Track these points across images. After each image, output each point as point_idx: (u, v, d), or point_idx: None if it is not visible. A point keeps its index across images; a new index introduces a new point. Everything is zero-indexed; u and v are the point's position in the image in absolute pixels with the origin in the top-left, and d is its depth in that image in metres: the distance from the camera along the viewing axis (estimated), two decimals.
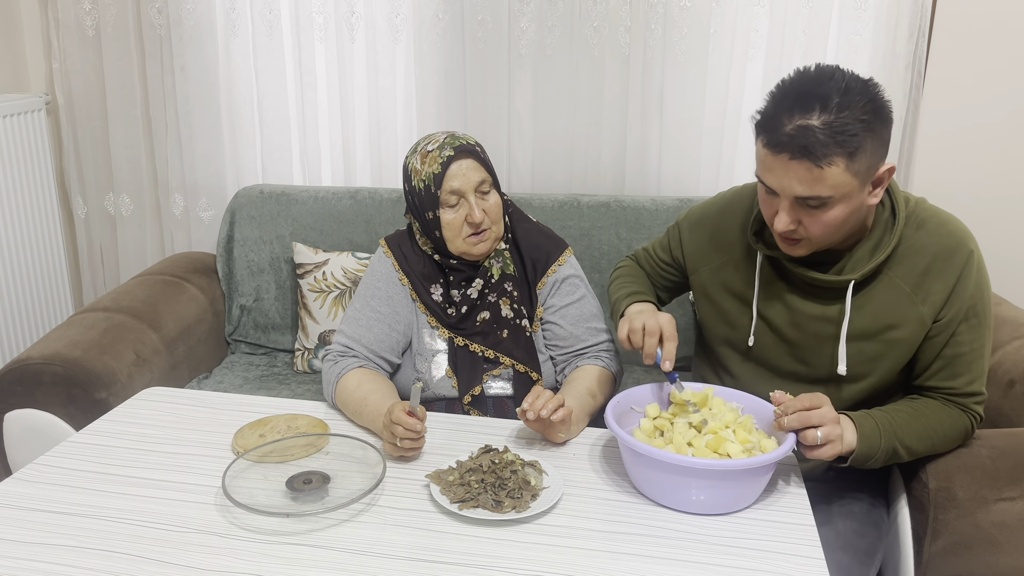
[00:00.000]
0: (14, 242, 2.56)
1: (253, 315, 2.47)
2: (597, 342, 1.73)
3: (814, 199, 1.30)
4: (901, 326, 1.43)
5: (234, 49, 2.54)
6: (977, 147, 2.34)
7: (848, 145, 1.25)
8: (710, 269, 1.61)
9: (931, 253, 1.42)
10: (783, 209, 1.34)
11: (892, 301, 1.43)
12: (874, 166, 1.31)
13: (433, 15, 2.43)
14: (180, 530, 1.22)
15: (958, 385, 1.44)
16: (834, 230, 1.35)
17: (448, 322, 1.71)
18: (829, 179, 1.27)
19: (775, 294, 1.51)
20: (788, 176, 1.29)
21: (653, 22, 2.34)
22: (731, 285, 1.57)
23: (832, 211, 1.31)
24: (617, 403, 1.41)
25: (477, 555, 1.17)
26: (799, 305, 1.49)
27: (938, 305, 1.42)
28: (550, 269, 1.73)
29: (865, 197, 1.34)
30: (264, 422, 1.53)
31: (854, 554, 1.47)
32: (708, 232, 1.62)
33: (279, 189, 2.47)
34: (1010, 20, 2.24)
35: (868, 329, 1.45)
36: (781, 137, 1.28)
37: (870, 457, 1.38)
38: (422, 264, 1.73)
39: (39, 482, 1.35)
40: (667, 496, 1.29)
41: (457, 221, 1.63)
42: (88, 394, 1.89)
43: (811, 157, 1.26)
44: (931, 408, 1.45)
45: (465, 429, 1.54)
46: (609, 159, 2.47)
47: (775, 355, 1.54)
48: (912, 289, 1.42)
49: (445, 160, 1.61)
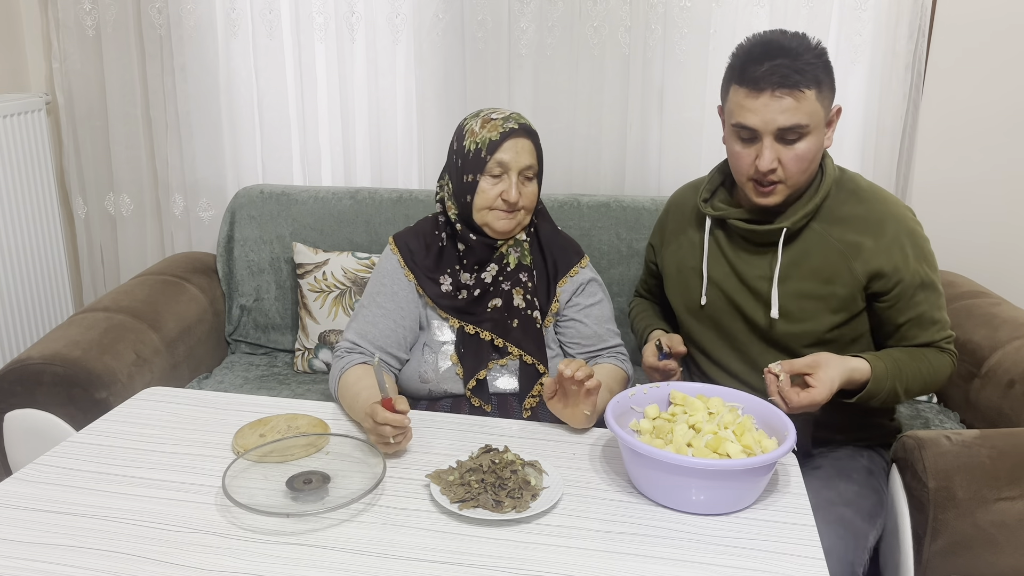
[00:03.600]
0: (14, 242, 2.56)
1: (253, 315, 2.47)
2: (615, 344, 1.80)
3: (794, 129, 1.46)
4: (835, 281, 1.57)
5: (234, 49, 2.54)
6: (977, 147, 2.35)
7: (815, 76, 1.46)
8: (669, 251, 1.78)
9: (863, 215, 1.56)
10: (766, 147, 1.49)
11: (825, 255, 1.57)
12: (830, 102, 1.52)
13: (433, 15, 2.43)
14: (180, 530, 1.22)
15: (931, 334, 1.58)
16: (806, 166, 1.51)
17: (457, 307, 1.71)
18: (806, 106, 1.46)
19: (720, 256, 1.67)
20: (770, 109, 1.46)
21: (653, 22, 2.34)
22: (686, 258, 1.73)
23: (806, 143, 1.49)
24: (617, 403, 1.41)
25: (477, 555, 1.17)
26: (740, 262, 1.64)
27: (873, 266, 1.54)
28: (572, 270, 1.76)
29: (823, 136, 1.52)
30: (264, 422, 1.53)
31: (857, 511, 1.52)
32: (666, 227, 1.82)
33: (279, 189, 2.47)
34: (1010, 20, 2.24)
35: (802, 278, 1.58)
36: (760, 75, 1.45)
37: (874, 396, 1.52)
38: (428, 256, 1.73)
39: (39, 482, 1.35)
40: (667, 496, 1.29)
41: (492, 193, 1.64)
42: (88, 394, 1.89)
43: (790, 85, 1.44)
44: (921, 352, 1.58)
45: (465, 429, 1.54)
46: (609, 159, 2.47)
47: (724, 313, 1.68)
48: (845, 247, 1.56)
49: (507, 131, 1.64)
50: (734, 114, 1.51)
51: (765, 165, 1.48)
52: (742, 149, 1.52)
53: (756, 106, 1.47)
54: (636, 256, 2.29)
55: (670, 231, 1.80)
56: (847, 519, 1.48)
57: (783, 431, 1.34)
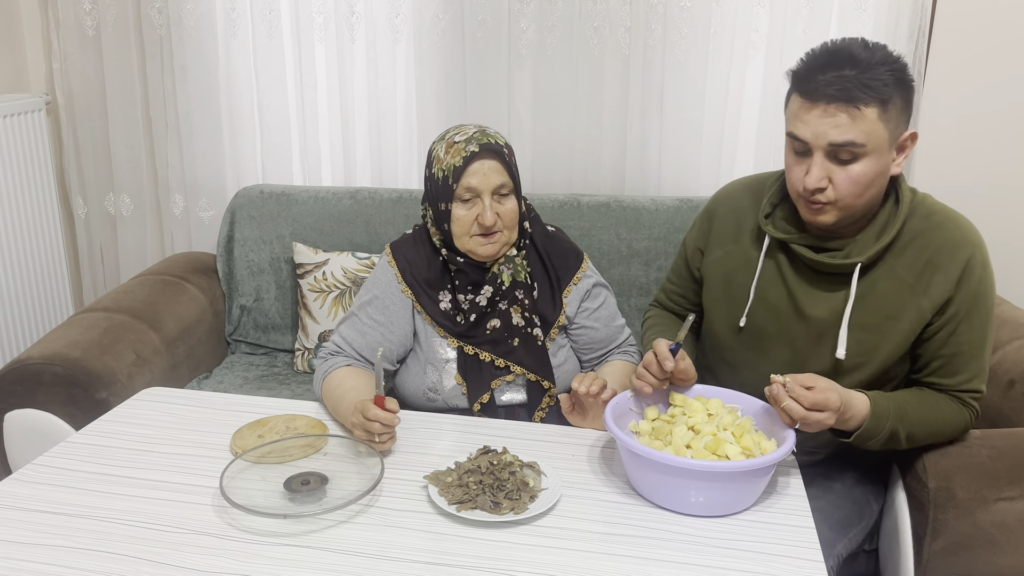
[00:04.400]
0: (14, 242, 2.56)
1: (253, 315, 2.47)
2: (624, 339, 1.81)
3: (847, 147, 1.35)
4: (900, 317, 1.45)
5: (234, 49, 2.54)
6: (977, 147, 2.34)
7: (881, 93, 1.33)
8: (715, 259, 1.64)
9: (936, 245, 1.44)
10: (815, 163, 1.38)
11: (893, 291, 1.45)
12: (900, 127, 1.38)
13: (433, 15, 2.43)
14: (177, 531, 1.22)
15: (954, 383, 1.47)
16: (861, 190, 1.38)
17: (457, 331, 1.68)
18: (863, 123, 1.33)
19: (778, 277, 1.54)
20: (823, 122, 1.35)
21: (653, 22, 2.33)
22: (736, 272, 1.60)
23: (861, 165, 1.36)
24: (616, 404, 1.40)
25: (475, 557, 1.17)
26: (801, 291, 1.51)
27: (938, 299, 1.43)
28: (575, 277, 1.74)
29: (890, 161, 1.39)
30: (263, 423, 1.53)
31: (823, 519, 1.48)
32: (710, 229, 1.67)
33: (279, 189, 2.47)
34: (1010, 20, 2.23)
35: (868, 317, 1.46)
36: (817, 85, 1.35)
37: (872, 437, 1.42)
38: (428, 270, 1.70)
39: (36, 483, 1.34)
40: (666, 498, 1.28)
41: (468, 219, 1.61)
42: (88, 394, 1.89)
43: (847, 100, 1.33)
44: (935, 398, 1.48)
45: (464, 430, 1.54)
46: (609, 159, 2.47)
47: (770, 339, 1.56)
48: (914, 280, 1.44)
49: (468, 155, 1.59)
50: (789, 122, 1.42)
51: (812, 183, 1.38)
52: (795, 162, 1.42)
53: (809, 118, 1.36)
54: (636, 256, 2.29)
55: (717, 235, 1.66)
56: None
57: (782, 433, 1.33)
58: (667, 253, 2.28)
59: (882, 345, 1.47)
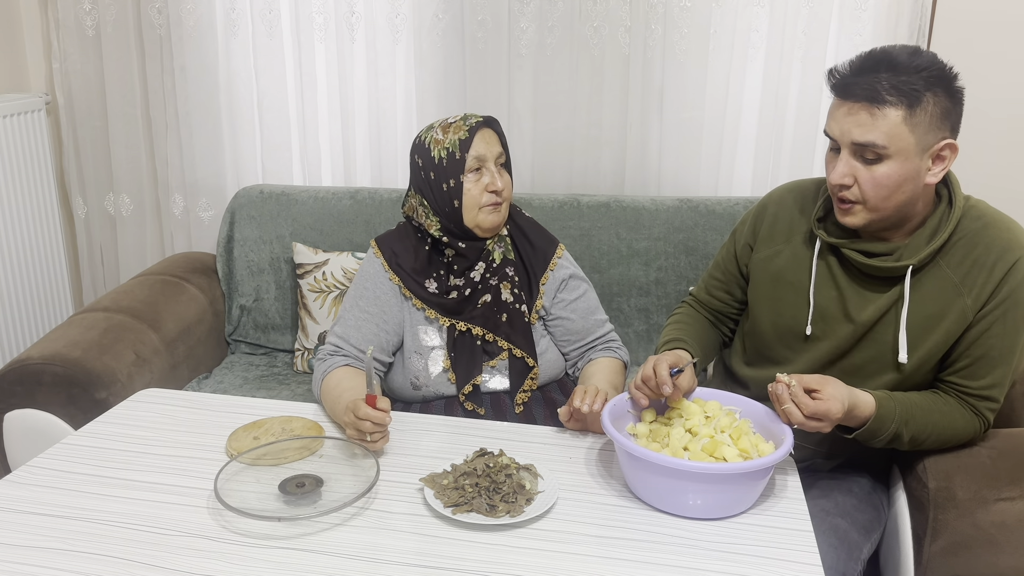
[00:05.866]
0: (14, 242, 2.56)
1: (253, 315, 2.47)
2: (604, 333, 1.82)
3: (869, 147, 1.35)
4: (946, 317, 1.45)
5: (234, 49, 2.54)
6: (977, 147, 2.33)
7: (909, 97, 1.32)
8: (763, 257, 1.64)
9: (984, 244, 1.44)
10: (841, 160, 1.40)
11: (940, 291, 1.45)
12: (934, 133, 1.36)
13: (433, 15, 2.42)
14: (172, 534, 1.22)
15: (974, 387, 1.47)
16: (887, 193, 1.38)
17: (448, 307, 1.71)
18: (884, 125, 1.33)
19: (830, 280, 1.54)
20: (848, 120, 1.37)
21: (653, 22, 2.33)
22: (785, 271, 1.59)
23: (885, 167, 1.36)
24: (613, 407, 1.40)
25: (471, 560, 1.16)
26: (851, 292, 1.51)
27: (981, 300, 1.43)
28: (551, 263, 1.77)
29: (922, 168, 1.38)
30: (259, 424, 1.52)
31: (852, 523, 1.49)
32: (759, 228, 1.66)
33: (279, 189, 2.47)
34: (1010, 20, 2.23)
35: (913, 316, 1.47)
36: (848, 84, 1.37)
37: (875, 437, 1.43)
38: (415, 259, 1.74)
39: (31, 484, 1.34)
40: (663, 500, 1.28)
41: (478, 189, 1.67)
42: (88, 394, 1.89)
43: (869, 99, 1.34)
44: (949, 405, 1.47)
45: (460, 432, 1.54)
46: (609, 159, 2.47)
47: (814, 338, 1.55)
48: (960, 279, 1.44)
49: (472, 126, 1.68)
50: (826, 119, 1.44)
51: (835, 178, 1.40)
52: (830, 159, 1.44)
53: (837, 115, 1.39)
54: (636, 256, 2.28)
55: (766, 233, 1.64)
56: (842, 530, 1.46)
57: (780, 435, 1.33)
58: (667, 253, 2.27)
59: (928, 344, 1.47)
